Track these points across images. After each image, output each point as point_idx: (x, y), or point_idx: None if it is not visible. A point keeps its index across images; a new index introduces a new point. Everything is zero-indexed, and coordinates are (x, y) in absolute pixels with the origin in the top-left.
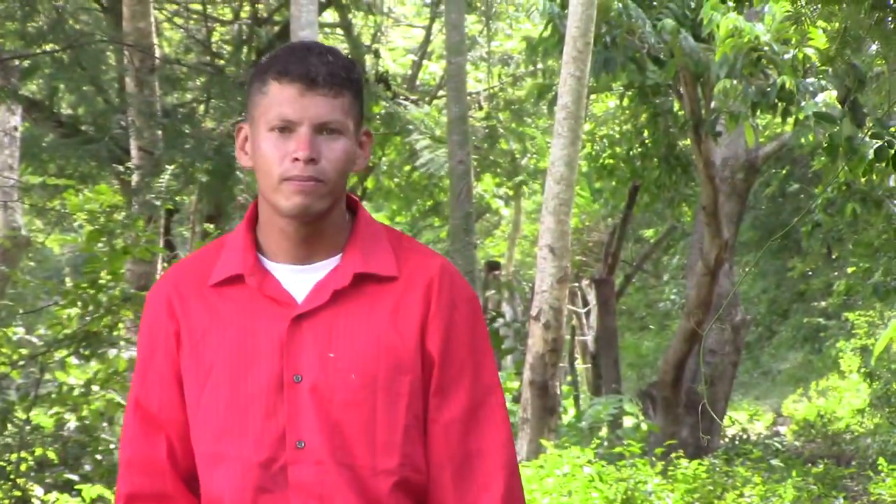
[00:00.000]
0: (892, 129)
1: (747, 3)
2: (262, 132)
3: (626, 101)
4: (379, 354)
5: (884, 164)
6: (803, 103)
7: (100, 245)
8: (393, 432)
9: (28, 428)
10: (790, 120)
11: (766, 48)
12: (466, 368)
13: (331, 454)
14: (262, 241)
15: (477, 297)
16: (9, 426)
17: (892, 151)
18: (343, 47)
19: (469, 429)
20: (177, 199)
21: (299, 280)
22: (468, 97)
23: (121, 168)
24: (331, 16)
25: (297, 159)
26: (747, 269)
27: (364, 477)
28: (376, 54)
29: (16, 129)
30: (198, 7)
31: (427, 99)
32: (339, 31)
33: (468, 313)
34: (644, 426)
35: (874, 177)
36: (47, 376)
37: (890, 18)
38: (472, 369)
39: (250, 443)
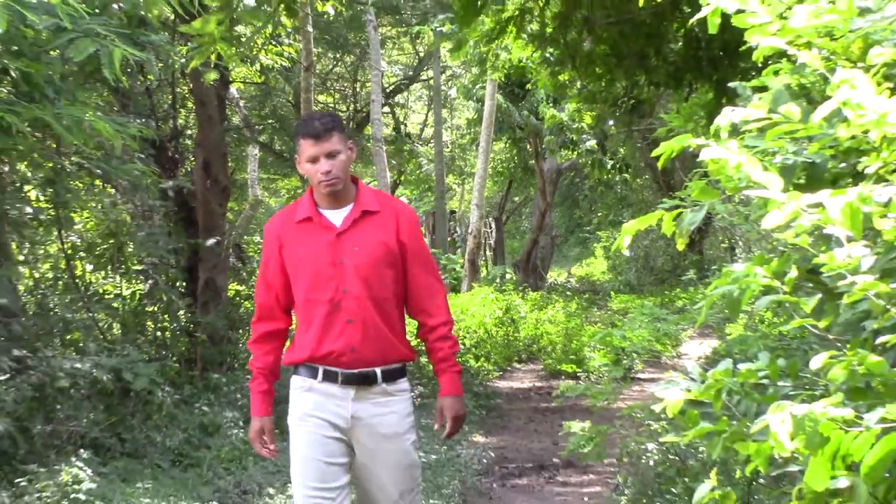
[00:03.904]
0: (619, 157)
1: (560, 103)
2: (305, 161)
3: (508, 144)
4: (379, 247)
5: (619, 171)
6: (581, 146)
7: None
8: (387, 279)
9: None
10: (576, 153)
11: (566, 122)
12: (419, 248)
13: (360, 292)
14: (317, 200)
15: (417, 217)
16: None
17: (618, 167)
18: (390, 122)
19: (428, 274)
20: None
21: (335, 216)
22: (443, 142)
23: None
24: (388, 109)
25: (324, 174)
26: (557, 213)
27: (377, 300)
28: (405, 125)
29: (256, 154)
30: (331, 104)
31: (426, 144)
32: (390, 117)
33: (415, 223)
34: (514, 279)
35: (609, 176)
36: None
37: (619, 111)
38: (421, 249)
39: (325, 291)
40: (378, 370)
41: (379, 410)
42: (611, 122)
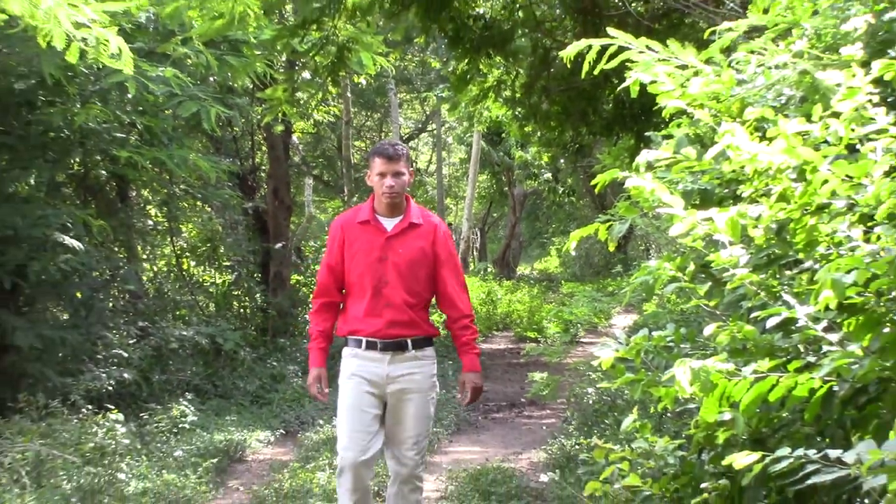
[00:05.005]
0: (567, 185)
1: (525, 146)
2: (374, 175)
3: (489, 176)
4: (417, 251)
5: (567, 195)
6: (541, 177)
7: (336, 218)
8: (420, 276)
9: None
10: (537, 182)
11: (530, 161)
12: (448, 256)
13: (397, 285)
14: (376, 207)
15: (450, 231)
16: None
17: (567, 192)
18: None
19: (455, 277)
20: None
21: (389, 223)
22: (442, 175)
23: (343, 195)
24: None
25: (387, 188)
26: (523, 225)
27: (411, 293)
28: (416, 163)
29: (310, 183)
30: (363, 149)
31: (431, 175)
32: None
33: (448, 237)
34: (493, 272)
35: (560, 199)
36: None
37: (567, 153)
38: (450, 256)
39: (371, 280)
40: (409, 339)
41: (409, 370)
42: (562, 161)
